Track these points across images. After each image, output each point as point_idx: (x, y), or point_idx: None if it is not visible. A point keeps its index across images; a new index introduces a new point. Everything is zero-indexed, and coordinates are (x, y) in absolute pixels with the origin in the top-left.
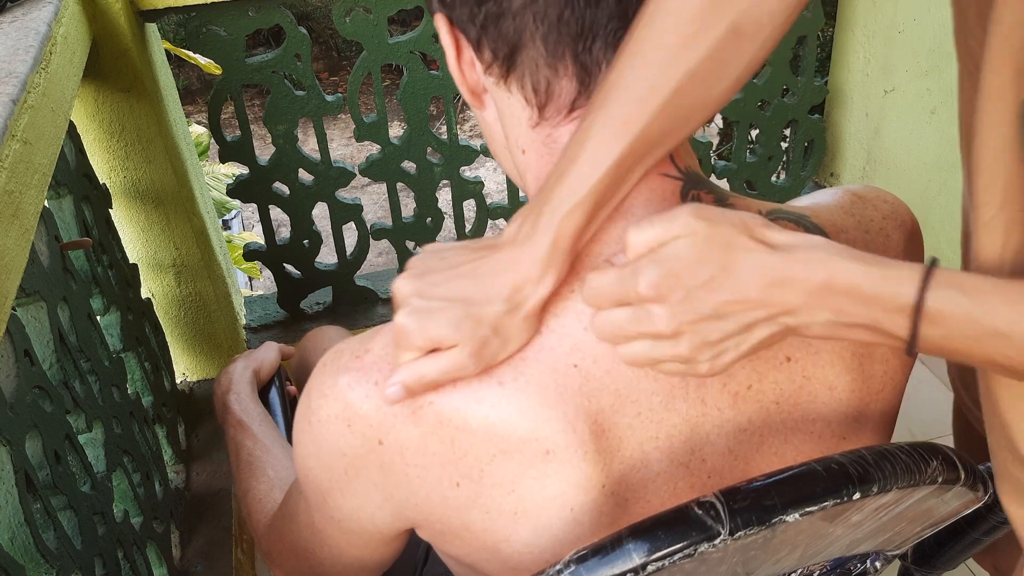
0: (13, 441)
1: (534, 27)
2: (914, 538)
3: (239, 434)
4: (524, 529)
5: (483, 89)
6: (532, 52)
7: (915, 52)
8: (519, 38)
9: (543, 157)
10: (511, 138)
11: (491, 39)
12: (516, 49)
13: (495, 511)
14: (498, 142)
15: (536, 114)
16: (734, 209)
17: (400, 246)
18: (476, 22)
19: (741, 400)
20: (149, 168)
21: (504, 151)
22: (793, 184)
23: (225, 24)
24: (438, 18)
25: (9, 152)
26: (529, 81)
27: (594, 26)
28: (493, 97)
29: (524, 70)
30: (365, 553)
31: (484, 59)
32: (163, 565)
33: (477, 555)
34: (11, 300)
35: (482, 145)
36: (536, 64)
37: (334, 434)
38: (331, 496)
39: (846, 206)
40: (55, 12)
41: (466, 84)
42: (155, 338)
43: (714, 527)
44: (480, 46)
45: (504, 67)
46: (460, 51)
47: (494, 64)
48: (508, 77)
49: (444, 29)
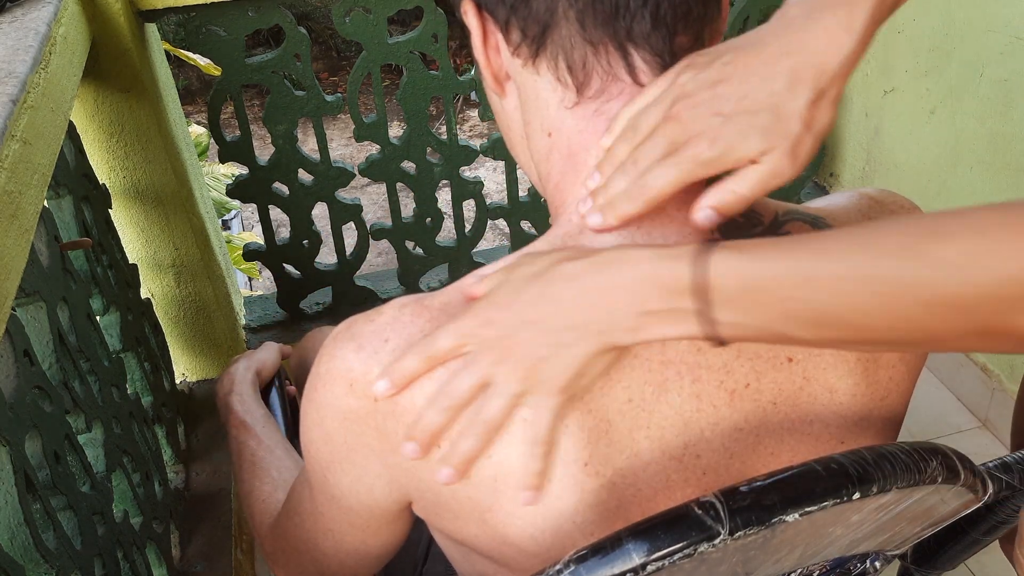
0: (13, 441)
1: (567, 4)
2: (914, 538)
3: (242, 435)
4: (505, 496)
5: (506, 76)
6: (566, 30)
7: (915, 52)
8: (551, 16)
9: (583, 132)
10: (534, 122)
11: (521, 17)
12: (548, 28)
13: (476, 476)
14: (515, 130)
15: (572, 93)
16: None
17: (400, 246)
18: (506, 2)
19: (738, 398)
20: (149, 168)
21: (521, 139)
22: (793, 184)
23: (225, 24)
24: (466, 4)
25: (9, 152)
26: (563, 60)
27: (631, 6)
28: (517, 83)
29: (557, 49)
30: (366, 536)
31: (512, 40)
32: (163, 565)
33: (467, 528)
34: (11, 300)
35: (482, 145)
36: (571, 42)
37: (336, 396)
38: (331, 471)
39: (863, 209)
40: (55, 12)
41: (490, 69)
42: (155, 338)
43: (714, 527)
44: (509, 27)
45: (534, 46)
46: (486, 36)
47: (523, 44)
48: (537, 57)
49: (471, 13)
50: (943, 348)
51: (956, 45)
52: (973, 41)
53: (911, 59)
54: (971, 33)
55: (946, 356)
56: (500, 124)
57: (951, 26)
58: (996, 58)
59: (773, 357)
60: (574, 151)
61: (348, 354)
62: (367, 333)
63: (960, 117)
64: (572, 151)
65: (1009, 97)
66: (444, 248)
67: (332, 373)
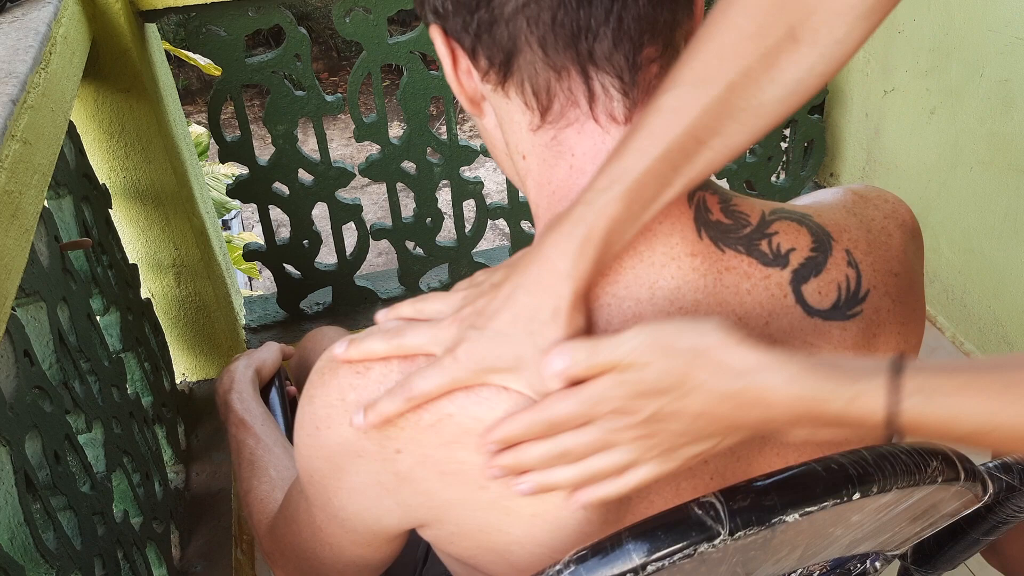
0: (13, 441)
1: (529, 31)
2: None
3: (241, 433)
4: (539, 529)
5: (481, 97)
6: (529, 56)
7: (915, 52)
8: (514, 43)
9: (546, 161)
10: (511, 144)
11: (486, 46)
12: (512, 54)
13: (515, 512)
14: (499, 148)
15: (538, 118)
16: (739, 211)
17: (400, 246)
18: (470, 30)
19: None
20: (149, 168)
21: (505, 157)
22: (793, 184)
23: (225, 24)
24: (433, 30)
25: (9, 152)
26: (528, 85)
27: (591, 26)
28: (492, 104)
29: (523, 75)
30: (367, 551)
31: (480, 67)
32: (163, 565)
33: (484, 556)
34: (11, 300)
35: (482, 145)
36: (535, 67)
37: (347, 438)
38: (336, 496)
39: (848, 205)
40: (55, 12)
41: (464, 93)
42: (155, 338)
43: (714, 527)
44: (476, 54)
45: (501, 73)
46: (456, 60)
47: (491, 71)
48: (505, 83)
49: (439, 40)
50: None
51: (956, 45)
52: (973, 41)
53: (911, 59)
54: (971, 33)
55: (946, 356)
56: (485, 141)
57: (951, 26)
58: (996, 58)
59: None
60: (540, 183)
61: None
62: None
63: (960, 117)
64: (538, 183)
65: (1009, 97)
66: (444, 248)
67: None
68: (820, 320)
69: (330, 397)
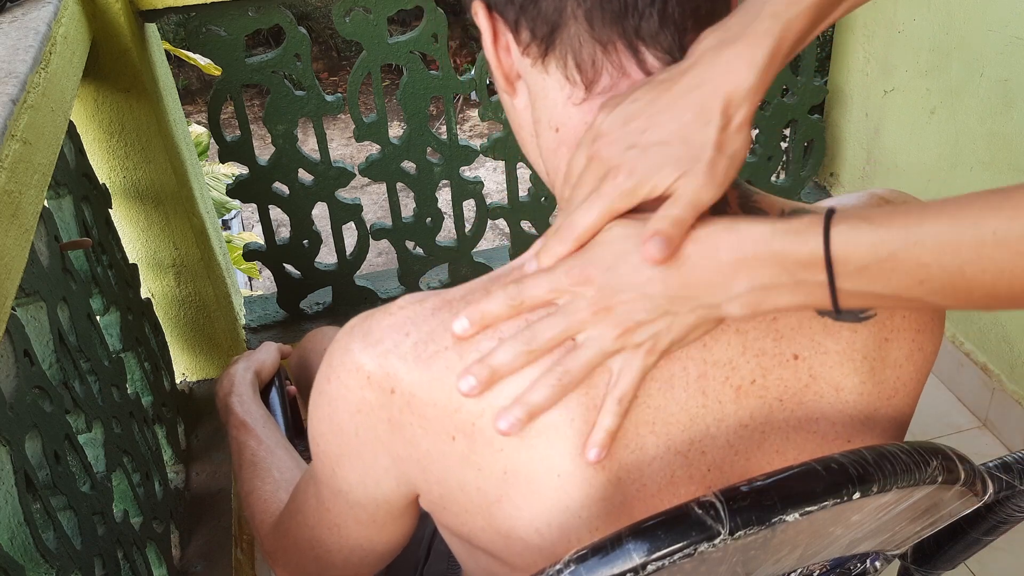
0: (13, 441)
1: (576, 4)
2: (914, 538)
3: (242, 435)
4: (514, 489)
5: (516, 76)
6: (574, 29)
7: (915, 52)
8: (559, 16)
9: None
10: (543, 120)
11: (530, 18)
12: (556, 27)
13: (487, 468)
14: (525, 128)
15: (581, 90)
16: (758, 208)
17: (400, 246)
18: (515, 2)
19: (743, 395)
20: (149, 168)
21: (531, 137)
22: (793, 184)
23: (225, 24)
24: (475, 5)
25: (9, 152)
26: (572, 59)
27: (638, 6)
28: (527, 81)
29: (566, 48)
30: (372, 531)
31: (522, 40)
32: (163, 565)
33: (473, 522)
34: (11, 300)
35: (482, 145)
36: (579, 40)
37: (350, 389)
38: (340, 465)
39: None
40: (55, 12)
41: (501, 69)
42: (155, 338)
43: (714, 527)
44: (518, 27)
45: (543, 46)
46: (497, 36)
47: (532, 43)
48: (546, 56)
49: (482, 15)
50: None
51: (956, 45)
52: (973, 41)
53: (911, 59)
54: (971, 33)
55: (946, 356)
56: (511, 122)
57: (951, 26)
58: (996, 58)
59: (779, 354)
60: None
61: (367, 348)
62: (385, 327)
63: (960, 117)
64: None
65: (1009, 97)
66: (444, 248)
67: (347, 366)
68: (830, 320)
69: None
